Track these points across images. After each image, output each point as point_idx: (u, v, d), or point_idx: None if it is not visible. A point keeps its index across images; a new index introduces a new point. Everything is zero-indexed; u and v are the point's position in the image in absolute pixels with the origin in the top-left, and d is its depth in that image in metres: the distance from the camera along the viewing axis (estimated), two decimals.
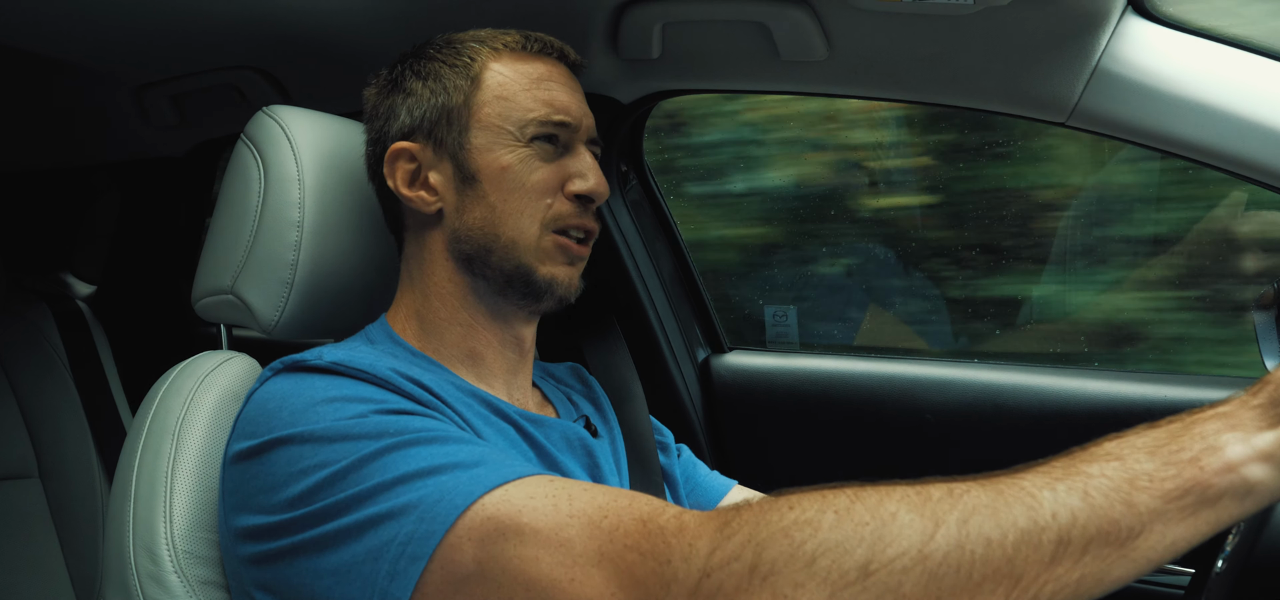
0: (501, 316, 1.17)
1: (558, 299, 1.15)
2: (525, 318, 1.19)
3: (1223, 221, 1.66)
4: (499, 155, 1.12)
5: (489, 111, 1.13)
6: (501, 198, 1.12)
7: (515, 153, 1.12)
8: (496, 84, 1.14)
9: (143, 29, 1.52)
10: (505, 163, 1.12)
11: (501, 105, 1.13)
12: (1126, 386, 1.56)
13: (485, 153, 1.12)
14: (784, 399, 1.82)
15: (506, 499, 0.82)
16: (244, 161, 1.22)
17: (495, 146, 1.12)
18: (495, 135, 1.12)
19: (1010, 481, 0.74)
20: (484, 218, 1.12)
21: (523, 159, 1.12)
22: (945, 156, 2.18)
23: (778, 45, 1.38)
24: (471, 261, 1.13)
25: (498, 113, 1.13)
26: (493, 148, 1.12)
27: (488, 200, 1.12)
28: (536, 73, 1.16)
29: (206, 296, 1.24)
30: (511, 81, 1.14)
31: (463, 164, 1.13)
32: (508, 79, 1.14)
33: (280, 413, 0.94)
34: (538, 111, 1.13)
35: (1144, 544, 0.71)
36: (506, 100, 1.13)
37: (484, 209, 1.12)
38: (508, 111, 1.13)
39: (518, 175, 1.12)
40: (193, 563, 1.03)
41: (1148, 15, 1.23)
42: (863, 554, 0.71)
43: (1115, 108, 1.26)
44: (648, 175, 1.87)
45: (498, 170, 1.12)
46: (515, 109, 1.13)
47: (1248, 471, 0.71)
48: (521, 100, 1.13)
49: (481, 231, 1.12)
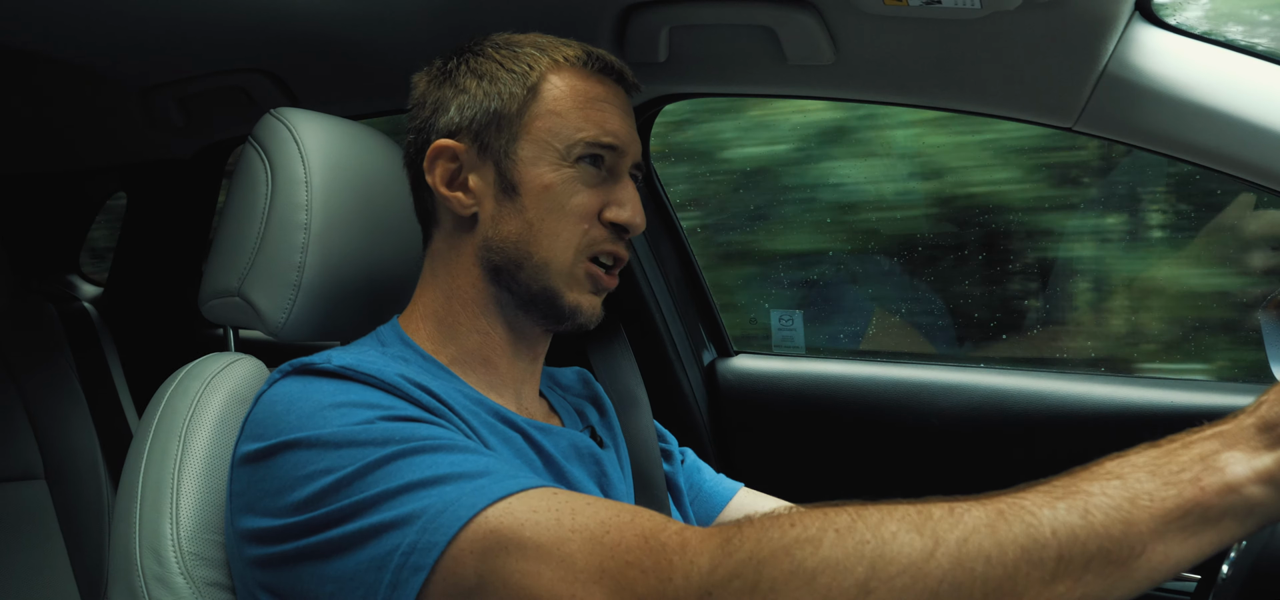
0: (519, 329, 1.16)
1: (578, 325, 1.14)
2: (542, 333, 1.18)
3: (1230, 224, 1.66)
4: (543, 172, 1.10)
5: (541, 125, 1.11)
6: (540, 215, 1.10)
7: (559, 172, 1.10)
8: (552, 98, 1.12)
9: (150, 31, 1.53)
10: (548, 181, 1.10)
11: (553, 121, 1.11)
12: (1133, 391, 1.55)
13: (530, 166, 1.11)
14: (790, 403, 1.82)
15: (510, 511, 0.82)
16: (251, 164, 1.22)
17: (540, 161, 1.10)
18: (542, 150, 1.11)
19: (1010, 501, 0.74)
20: (519, 232, 1.11)
21: (566, 179, 1.10)
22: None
23: (784, 49, 1.38)
24: (500, 272, 1.12)
25: (548, 127, 1.11)
26: (537, 162, 1.10)
27: (525, 215, 1.10)
28: (592, 92, 1.14)
29: (213, 298, 1.24)
30: (566, 98, 1.12)
31: (505, 173, 1.11)
32: (563, 94, 1.12)
33: (288, 416, 0.94)
34: (588, 132, 1.11)
35: (1144, 563, 0.71)
36: (559, 116, 1.11)
37: (520, 224, 1.11)
38: (558, 128, 1.11)
39: (559, 196, 1.10)
40: (199, 564, 1.03)
41: (1155, 20, 1.23)
42: (863, 572, 0.71)
43: (1122, 113, 1.26)
44: (654, 178, 1.87)
45: (540, 187, 1.10)
46: (566, 126, 1.11)
47: (1248, 492, 0.71)
48: (573, 119, 1.11)
49: (515, 246, 1.11)
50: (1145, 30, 1.23)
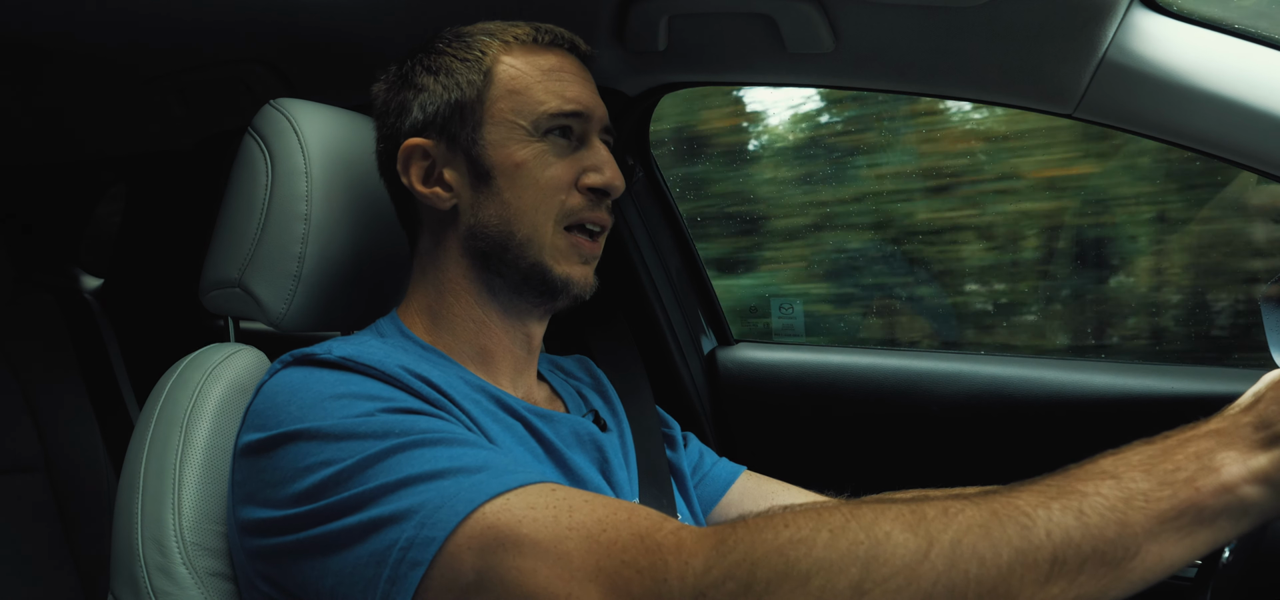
0: (515, 313, 1.16)
1: (573, 297, 1.14)
2: (539, 316, 1.19)
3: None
4: (512, 150, 1.11)
5: (502, 106, 1.12)
6: (516, 194, 1.11)
7: (529, 147, 1.11)
8: (509, 78, 1.13)
9: (150, 22, 1.52)
10: (519, 158, 1.11)
11: (514, 99, 1.12)
12: (1131, 379, 1.55)
13: (499, 148, 1.11)
14: (790, 391, 1.82)
15: (507, 507, 0.82)
16: (251, 154, 1.22)
17: (509, 142, 1.11)
18: (509, 130, 1.11)
19: (1005, 500, 0.74)
20: (499, 215, 1.11)
21: (537, 154, 1.11)
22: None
23: (784, 37, 1.38)
24: (487, 259, 1.13)
25: (511, 107, 1.12)
26: (506, 143, 1.11)
27: (502, 197, 1.11)
28: (548, 64, 1.14)
29: (214, 289, 1.24)
30: (523, 74, 1.13)
31: (476, 160, 1.12)
32: (520, 72, 1.13)
33: (289, 406, 0.94)
34: (551, 104, 1.11)
35: (1139, 564, 0.71)
36: (519, 94, 1.12)
37: (499, 206, 1.11)
38: (521, 105, 1.11)
39: (532, 171, 1.11)
40: (201, 554, 1.03)
41: (1155, 6, 1.23)
42: (856, 573, 0.72)
43: (1122, 99, 1.26)
44: (654, 167, 1.87)
45: (512, 166, 1.11)
46: (528, 102, 1.11)
47: (1244, 492, 0.71)
48: (534, 93, 1.12)
49: (497, 229, 1.11)
50: (1145, 16, 1.23)
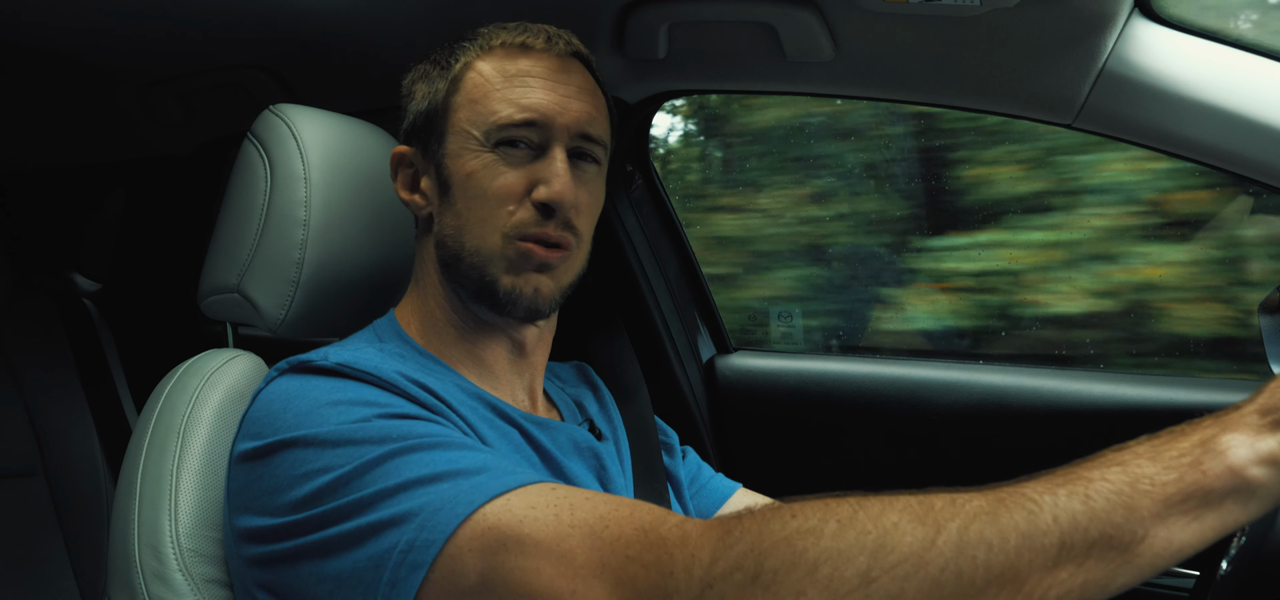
0: (485, 321, 1.14)
1: (525, 310, 1.10)
2: (510, 325, 1.15)
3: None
4: (465, 161, 1.09)
5: (461, 115, 1.10)
6: (466, 205, 1.09)
7: (479, 158, 1.09)
8: (472, 86, 1.11)
9: (150, 27, 1.52)
10: (470, 169, 1.09)
11: (471, 109, 1.10)
12: (1131, 389, 1.55)
13: (455, 159, 1.10)
14: (789, 399, 1.82)
15: (508, 508, 0.82)
16: (250, 160, 1.22)
17: (463, 152, 1.10)
18: (464, 140, 1.10)
19: (1011, 489, 0.74)
20: (453, 226, 1.10)
21: (486, 165, 1.08)
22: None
23: (784, 46, 1.38)
24: (448, 269, 1.12)
25: (467, 117, 1.10)
26: (461, 154, 1.10)
27: (456, 207, 1.10)
28: (515, 70, 1.10)
29: (212, 295, 1.24)
30: (486, 82, 1.10)
31: (441, 170, 1.12)
32: (483, 79, 1.11)
33: (285, 414, 0.94)
34: (503, 113, 1.08)
35: (1147, 548, 0.71)
36: (476, 103, 1.10)
37: (453, 217, 1.10)
38: (476, 115, 1.09)
39: (480, 182, 1.08)
40: (198, 561, 1.03)
41: (1154, 17, 1.23)
42: (864, 562, 0.71)
43: (1122, 109, 1.26)
44: (653, 174, 1.87)
45: (464, 177, 1.09)
46: (483, 112, 1.09)
47: (1250, 474, 0.71)
48: (490, 102, 1.09)
49: (453, 240, 1.10)
50: (1145, 27, 1.23)
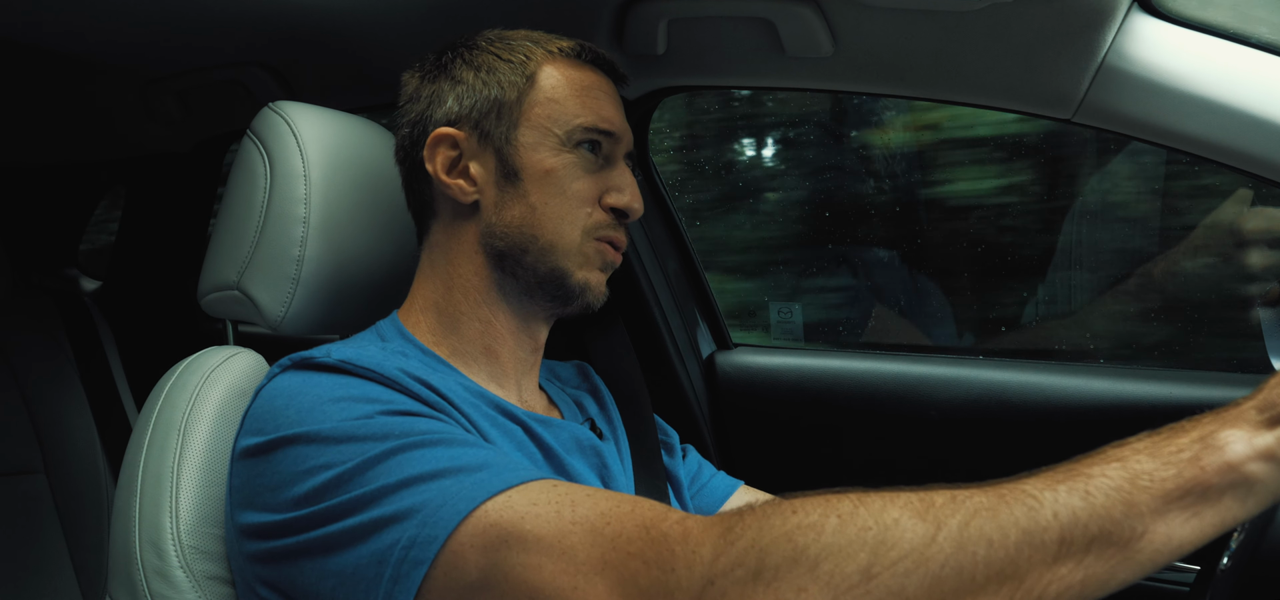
0: (523, 316, 1.17)
1: (586, 305, 1.16)
2: (545, 318, 1.20)
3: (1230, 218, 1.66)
4: (544, 156, 1.12)
5: (540, 112, 1.13)
6: (543, 200, 1.12)
7: (560, 157, 1.13)
8: (550, 86, 1.14)
9: (149, 24, 1.52)
10: (550, 166, 1.12)
11: (552, 108, 1.14)
12: (1132, 385, 1.55)
13: (531, 151, 1.13)
14: (789, 395, 1.82)
15: (510, 505, 0.82)
16: (250, 157, 1.22)
17: (541, 147, 1.13)
18: (542, 135, 1.13)
19: (1011, 485, 0.74)
20: (523, 217, 1.12)
21: (567, 164, 1.13)
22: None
23: (783, 41, 1.38)
24: (504, 258, 1.13)
25: (547, 114, 1.13)
26: (538, 147, 1.13)
27: (528, 200, 1.12)
28: (587, 81, 1.16)
29: (212, 292, 1.24)
30: (562, 85, 1.15)
31: (507, 159, 1.13)
32: (560, 82, 1.15)
33: (287, 410, 0.94)
34: (585, 118, 1.13)
35: (1147, 544, 0.71)
36: (557, 103, 1.14)
37: (524, 208, 1.12)
38: (557, 114, 1.13)
39: (561, 180, 1.12)
40: (199, 558, 1.03)
41: (1154, 11, 1.23)
42: (865, 558, 0.72)
43: (1121, 104, 1.26)
44: (652, 171, 1.87)
45: (542, 172, 1.12)
46: (564, 113, 1.13)
47: (1249, 469, 0.71)
48: (571, 105, 1.14)
49: (519, 230, 1.12)
50: (1144, 21, 1.23)
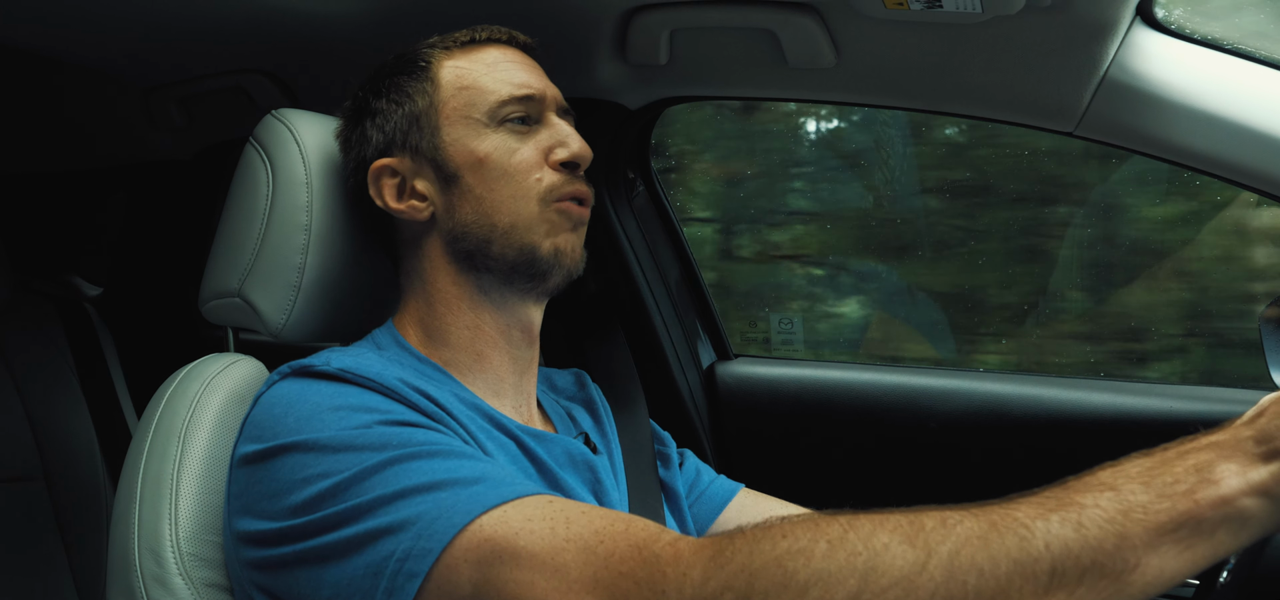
0: (508, 307, 1.15)
1: (566, 271, 1.14)
2: (535, 300, 1.17)
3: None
4: (474, 146, 1.11)
5: (453, 106, 1.13)
6: (487, 187, 1.11)
7: (488, 139, 1.11)
8: (454, 77, 1.14)
9: (151, 32, 1.53)
10: (482, 152, 1.11)
11: (463, 96, 1.13)
12: (1130, 398, 1.55)
13: (459, 146, 1.12)
14: (789, 407, 1.82)
15: (504, 519, 0.82)
16: (252, 165, 1.22)
17: (467, 138, 1.12)
18: (465, 127, 1.12)
19: (1003, 512, 0.73)
20: (475, 211, 1.11)
21: (497, 143, 1.11)
22: None
23: (786, 53, 1.38)
24: (473, 258, 1.13)
25: (461, 104, 1.13)
26: (465, 139, 1.12)
27: (474, 193, 1.11)
28: (489, 58, 1.15)
29: (213, 299, 1.24)
30: (468, 70, 1.14)
31: (442, 164, 1.12)
32: (464, 69, 1.14)
33: (286, 418, 0.94)
34: (499, 92, 1.12)
35: (1139, 577, 0.70)
36: (468, 89, 1.13)
37: (473, 203, 1.11)
38: (471, 100, 1.13)
39: (497, 160, 1.11)
40: (198, 565, 1.03)
41: (1156, 25, 1.23)
42: (854, 585, 0.71)
43: (1123, 117, 1.26)
44: (654, 181, 1.87)
45: (475, 161, 1.11)
46: (477, 96, 1.13)
47: (1243, 504, 0.71)
48: (483, 85, 1.13)
49: (477, 225, 1.11)
50: (1147, 35, 1.23)
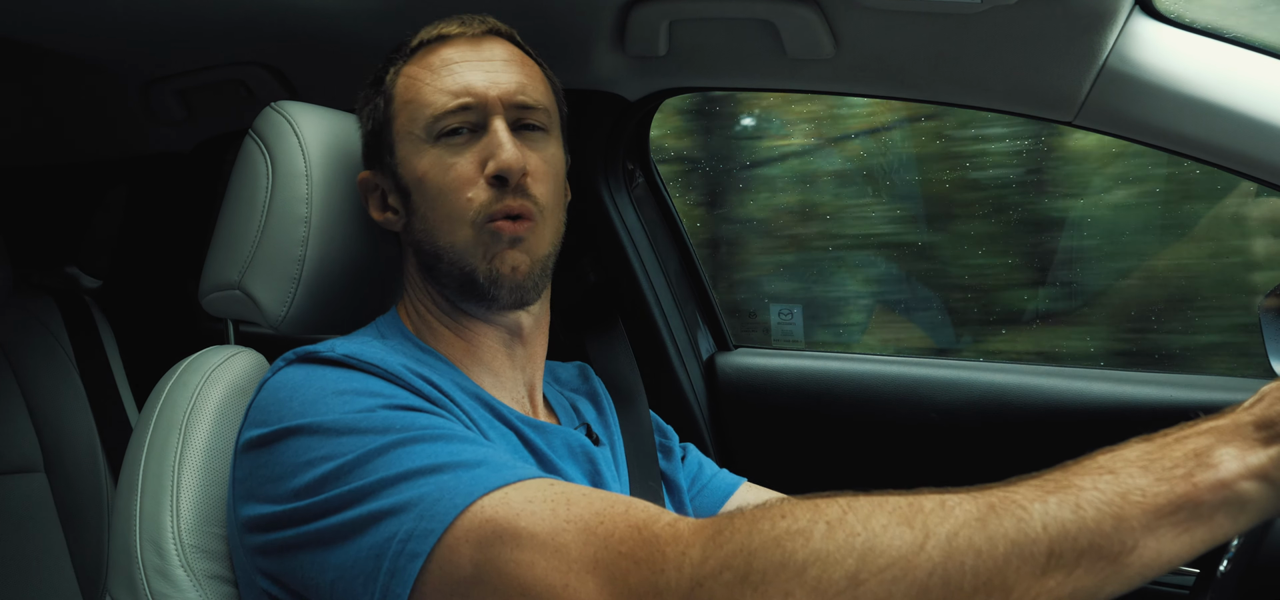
0: (476, 316, 1.15)
1: (508, 293, 1.09)
2: (495, 315, 1.15)
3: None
4: (415, 163, 1.11)
5: (401, 122, 1.12)
6: (428, 206, 1.10)
7: (427, 156, 1.10)
8: (403, 90, 1.13)
9: (150, 24, 1.52)
10: (422, 170, 1.10)
11: (408, 111, 1.12)
12: (1131, 387, 1.55)
13: (406, 163, 1.12)
14: (790, 397, 1.82)
15: (505, 501, 0.83)
16: (252, 157, 1.22)
17: (411, 156, 1.11)
18: (410, 144, 1.11)
19: (1002, 494, 0.73)
20: (421, 230, 1.12)
21: (434, 160, 1.09)
22: None
23: (785, 43, 1.38)
24: (432, 272, 1.13)
25: (406, 121, 1.12)
26: (409, 157, 1.11)
27: (420, 212, 1.11)
28: (438, 62, 1.12)
29: (214, 291, 1.24)
30: (415, 81, 1.12)
31: (398, 180, 1.13)
32: (411, 81, 1.13)
33: (291, 402, 0.94)
34: (436, 104, 1.09)
35: (1136, 559, 0.70)
36: (411, 103, 1.12)
37: (419, 221, 1.12)
38: (413, 115, 1.11)
39: (435, 178, 1.09)
40: (199, 557, 1.03)
41: (1155, 14, 1.23)
42: (852, 564, 0.71)
43: (1122, 106, 1.26)
44: (654, 172, 1.87)
45: (417, 179, 1.11)
46: (418, 109, 1.11)
47: (1241, 488, 0.71)
48: (423, 97, 1.11)
49: (427, 243, 1.11)
50: (1145, 24, 1.23)
